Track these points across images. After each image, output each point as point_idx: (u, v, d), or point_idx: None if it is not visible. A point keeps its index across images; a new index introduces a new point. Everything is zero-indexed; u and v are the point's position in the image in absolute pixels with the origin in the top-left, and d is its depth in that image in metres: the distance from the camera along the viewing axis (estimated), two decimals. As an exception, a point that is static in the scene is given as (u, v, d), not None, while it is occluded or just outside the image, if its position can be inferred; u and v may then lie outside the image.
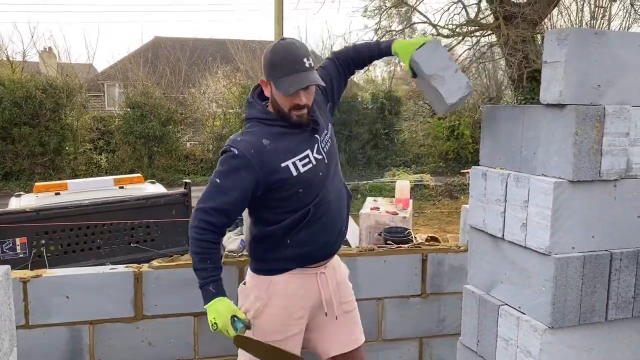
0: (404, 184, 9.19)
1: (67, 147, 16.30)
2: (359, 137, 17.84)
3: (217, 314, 1.95)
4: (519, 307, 1.71)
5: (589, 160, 1.55)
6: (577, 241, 1.59)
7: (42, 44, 27.18)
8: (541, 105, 1.63)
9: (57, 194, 5.90)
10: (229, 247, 2.86)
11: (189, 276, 2.20)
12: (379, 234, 8.07)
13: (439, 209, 12.91)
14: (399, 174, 15.26)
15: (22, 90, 15.09)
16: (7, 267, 1.46)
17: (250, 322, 2.02)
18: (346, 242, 9.19)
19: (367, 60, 2.33)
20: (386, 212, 8.49)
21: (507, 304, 1.77)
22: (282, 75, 1.99)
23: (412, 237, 7.41)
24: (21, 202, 5.93)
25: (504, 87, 19.51)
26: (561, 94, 1.54)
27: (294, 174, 2.02)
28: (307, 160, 2.06)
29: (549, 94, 1.58)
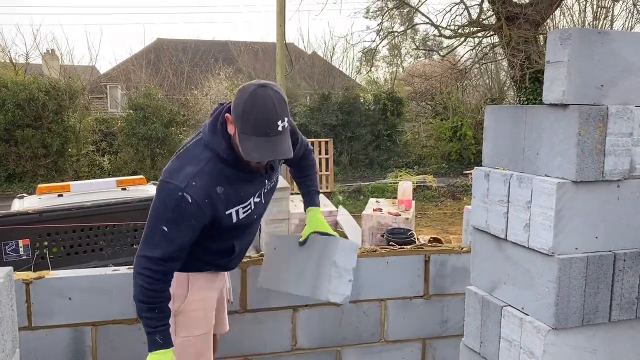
0: (406, 185, 9.18)
1: (69, 149, 16.34)
2: (361, 138, 17.84)
3: None
4: (522, 308, 1.70)
5: (592, 160, 1.54)
6: (580, 242, 1.58)
7: (44, 46, 27.34)
8: (544, 105, 1.63)
9: (60, 196, 5.91)
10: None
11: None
12: (382, 235, 8.07)
13: (442, 210, 12.89)
14: (401, 175, 15.25)
15: (25, 92, 15.14)
16: (10, 269, 1.46)
17: None
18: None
19: (295, 175, 2.39)
20: (388, 213, 8.49)
21: (510, 305, 1.76)
22: (249, 132, 1.78)
23: (414, 238, 7.41)
24: (24, 203, 5.94)
25: (506, 88, 19.50)
26: (564, 94, 1.53)
27: (234, 220, 1.98)
28: (248, 207, 2.02)
29: (552, 94, 1.58)
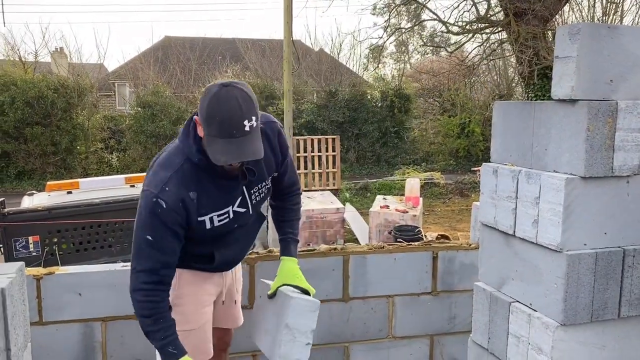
0: (414, 182, 9.17)
1: (78, 147, 16.43)
2: (368, 135, 17.80)
3: None
4: (530, 304, 1.70)
5: (601, 156, 1.54)
6: (589, 238, 1.57)
7: (53, 44, 27.47)
8: (552, 101, 1.62)
9: (69, 193, 5.95)
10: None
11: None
12: (389, 232, 8.06)
13: (450, 207, 12.86)
14: (408, 172, 15.21)
15: (34, 90, 15.22)
16: (21, 264, 1.48)
17: None
18: (356, 240, 9.19)
19: (275, 216, 2.26)
20: (396, 210, 8.48)
21: (518, 301, 1.76)
22: (215, 135, 1.72)
23: (422, 235, 7.40)
24: (34, 201, 5.98)
25: (514, 85, 19.39)
26: (573, 90, 1.53)
27: (208, 227, 1.93)
28: (226, 215, 1.96)
29: (561, 90, 1.57)
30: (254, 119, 1.74)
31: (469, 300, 2.87)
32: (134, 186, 6.24)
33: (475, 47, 14.58)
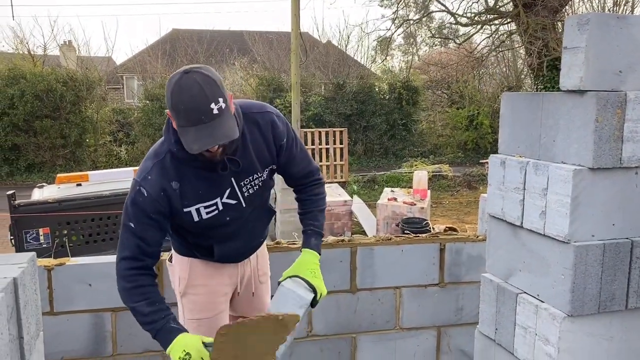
0: (422, 175, 9.16)
1: (87, 139, 16.53)
2: (376, 128, 17.77)
3: (186, 345, 1.83)
4: (538, 295, 1.70)
5: (609, 147, 1.53)
6: (597, 229, 1.57)
7: (62, 38, 27.59)
8: (561, 92, 1.61)
9: (79, 185, 6.00)
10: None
11: (209, 264, 2.22)
12: (397, 225, 8.07)
13: (458, 200, 12.83)
14: (416, 165, 15.18)
15: (43, 83, 15.32)
16: (33, 254, 1.50)
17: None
18: (363, 233, 9.20)
19: (299, 208, 2.17)
20: (404, 202, 8.48)
21: (525, 292, 1.76)
22: (184, 124, 1.69)
23: (429, 228, 7.39)
24: (44, 193, 6.04)
25: (523, 76, 19.26)
26: (581, 80, 1.52)
27: (195, 219, 1.92)
28: (214, 207, 1.93)
29: (569, 80, 1.56)
30: (221, 100, 1.69)
31: (476, 291, 2.87)
32: (142, 178, 6.27)
33: (484, 39, 14.52)
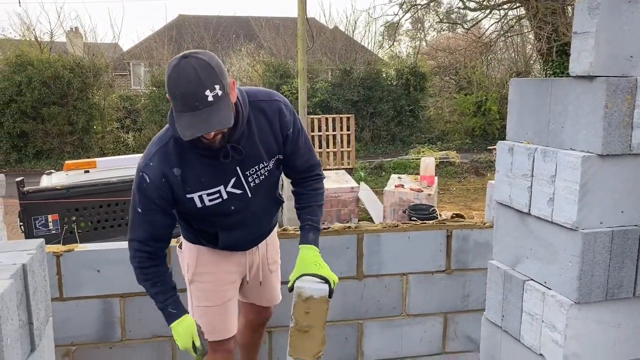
0: (429, 161, 9.13)
1: (94, 126, 16.60)
2: (383, 114, 17.69)
3: (177, 335, 1.95)
4: (545, 283, 1.69)
5: (619, 133, 1.51)
6: (605, 216, 1.56)
7: (68, 24, 27.58)
8: (570, 77, 1.60)
9: (87, 172, 6.04)
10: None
11: (216, 251, 2.23)
12: (403, 211, 8.07)
13: (465, 186, 12.79)
14: (424, 151, 15.13)
15: (50, 70, 15.36)
16: (42, 241, 1.51)
17: (204, 347, 1.97)
18: (370, 219, 9.19)
19: (296, 202, 2.14)
20: (410, 189, 8.47)
21: (532, 279, 1.75)
22: (180, 109, 1.68)
23: (437, 214, 7.39)
24: (52, 180, 6.08)
25: (532, 62, 19.08)
26: (591, 66, 1.50)
27: (198, 205, 1.92)
28: (217, 195, 1.92)
29: (579, 66, 1.54)
30: (217, 87, 1.67)
31: (483, 278, 2.87)
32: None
33: (492, 24, 14.34)
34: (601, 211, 1.56)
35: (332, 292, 1.96)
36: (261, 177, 1.97)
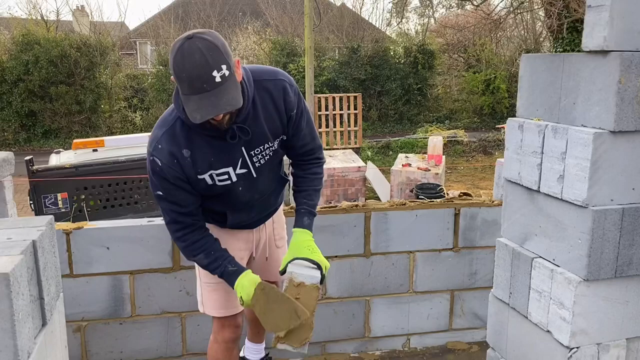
0: (436, 140, 9.08)
1: (102, 105, 16.61)
2: (391, 93, 17.56)
3: (241, 288, 1.91)
4: (553, 260, 1.69)
5: (632, 109, 1.49)
6: (616, 193, 1.55)
7: (74, 3, 27.38)
8: (583, 52, 1.57)
9: (95, 151, 6.06)
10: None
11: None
12: (410, 191, 8.05)
13: (473, 165, 12.74)
14: (431, 130, 15.04)
15: (57, 49, 15.33)
16: (51, 217, 1.52)
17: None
18: (377, 199, 9.19)
19: (294, 185, 2.13)
20: (418, 168, 8.44)
21: (541, 257, 1.75)
22: (187, 92, 1.65)
23: (444, 193, 7.37)
24: (61, 158, 6.11)
25: (542, 39, 18.81)
26: (605, 40, 1.47)
27: (209, 183, 1.91)
28: (226, 177, 1.92)
29: (592, 40, 1.51)
30: (224, 67, 1.64)
31: (491, 256, 2.88)
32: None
33: (502, 0, 14.08)
34: (612, 188, 1.54)
35: (323, 278, 1.96)
36: (266, 157, 1.96)
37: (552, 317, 1.68)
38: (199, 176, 1.88)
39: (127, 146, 6.12)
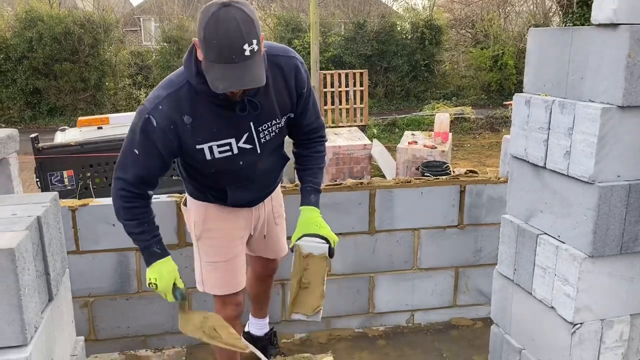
0: (443, 117, 9.01)
1: (107, 83, 16.57)
2: (398, 69, 17.39)
3: (159, 275, 1.89)
4: (559, 236, 1.69)
5: (641, 84, 1.46)
6: (623, 169, 1.53)
7: (77, -22, 27.05)
8: (592, 26, 1.54)
9: (100, 128, 6.07)
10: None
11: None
12: (416, 168, 8.03)
13: (479, 142, 12.67)
14: (438, 107, 14.92)
15: (60, 25, 15.24)
16: (55, 194, 1.53)
17: (186, 293, 1.98)
18: (383, 177, 9.20)
19: (297, 164, 2.13)
20: (424, 146, 8.40)
21: (546, 233, 1.75)
22: (213, 59, 1.62)
23: (450, 171, 7.34)
24: (66, 136, 6.12)
25: (551, 14, 18.48)
26: (615, 13, 1.44)
27: (208, 157, 1.87)
28: (227, 148, 1.87)
29: (601, 13, 1.48)
30: (254, 42, 1.61)
31: (496, 233, 2.87)
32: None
33: (511, -26, 13.84)
34: (619, 164, 1.53)
35: (332, 252, 1.97)
36: (272, 134, 1.95)
37: (556, 294, 1.68)
38: (198, 146, 1.84)
39: (132, 123, 6.11)
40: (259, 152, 1.94)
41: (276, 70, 1.87)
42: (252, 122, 1.87)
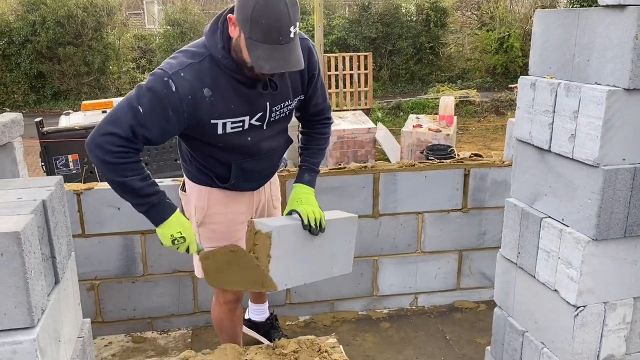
0: (448, 100, 8.96)
1: (110, 67, 16.51)
2: (402, 52, 17.24)
3: (182, 227, 1.85)
4: (563, 220, 1.68)
5: (648, 66, 1.45)
6: (628, 152, 1.52)
7: (79, -39, 26.80)
8: (599, 7, 1.51)
9: (104, 112, 6.07)
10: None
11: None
12: (421, 152, 8.00)
13: (484, 125, 12.61)
14: (443, 90, 14.82)
15: (63, 9, 15.15)
16: (60, 178, 1.53)
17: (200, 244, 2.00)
18: (387, 160, 9.19)
19: (300, 143, 2.16)
20: (429, 129, 8.37)
21: (550, 217, 1.74)
22: (258, 39, 1.62)
23: (454, 155, 7.32)
24: (70, 120, 6.13)
25: (559, -5, 18.23)
26: (623, -7, 1.42)
27: (219, 132, 1.84)
28: (240, 124, 1.86)
29: (609, -6, 1.46)
30: (297, 24, 1.66)
31: (500, 216, 2.88)
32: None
33: (518, -46, 13.63)
34: (624, 147, 1.52)
35: (307, 226, 1.93)
36: (282, 115, 1.96)
37: (559, 277, 1.69)
38: (213, 121, 1.82)
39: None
40: (265, 129, 1.95)
41: None
42: (268, 102, 1.89)
